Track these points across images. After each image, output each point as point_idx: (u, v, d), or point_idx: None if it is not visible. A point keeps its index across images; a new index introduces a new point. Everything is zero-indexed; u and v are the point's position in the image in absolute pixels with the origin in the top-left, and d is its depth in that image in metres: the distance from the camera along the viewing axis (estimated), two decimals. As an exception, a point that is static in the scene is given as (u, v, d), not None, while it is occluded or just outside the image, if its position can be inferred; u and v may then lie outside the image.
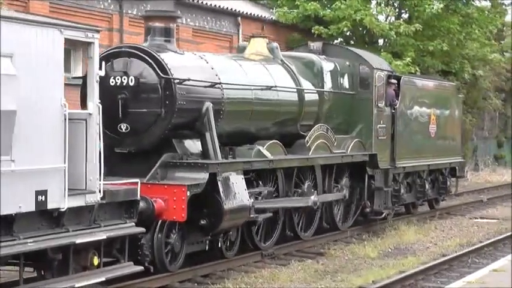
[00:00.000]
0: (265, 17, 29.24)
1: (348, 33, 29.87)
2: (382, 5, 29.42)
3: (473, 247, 17.22)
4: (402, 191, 20.79)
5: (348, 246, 17.17)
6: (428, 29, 29.50)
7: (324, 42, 20.43)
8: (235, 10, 27.43)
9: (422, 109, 21.85)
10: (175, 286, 12.99)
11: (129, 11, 22.97)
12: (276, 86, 15.94)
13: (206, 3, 25.90)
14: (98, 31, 11.07)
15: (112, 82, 13.23)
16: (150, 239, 12.73)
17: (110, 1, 22.55)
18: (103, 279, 11.03)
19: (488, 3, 33.04)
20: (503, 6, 35.67)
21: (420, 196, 22.26)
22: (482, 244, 17.66)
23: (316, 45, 19.32)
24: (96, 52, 11.02)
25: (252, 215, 14.18)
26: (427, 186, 22.42)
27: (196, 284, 13.21)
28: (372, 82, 19.08)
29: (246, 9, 28.36)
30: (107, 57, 13.23)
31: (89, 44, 10.96)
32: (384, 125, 19.53)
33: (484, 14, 31.19)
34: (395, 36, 28.19)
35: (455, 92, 24.95)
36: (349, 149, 18.16)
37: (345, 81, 18.79)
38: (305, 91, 16.90)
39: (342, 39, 30.19)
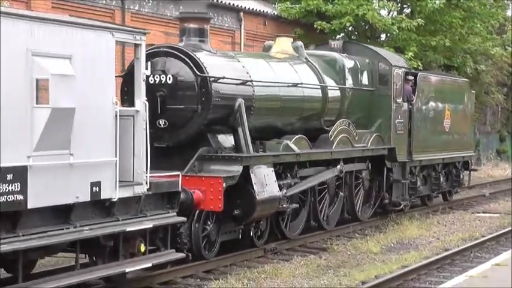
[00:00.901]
0: (267, 12, 29.19)
1: (350, 28, 29.95)
2: (385, 0, 29.38)
3: (476, 241, 17.22)
4: (418, 183, 21.59)
5: (351, 241, 17.19)
6: (431, 24, 29.54)
7: (345, 40, 21.16)
8: (237, 5, 27.32)
9: (437, 104, 22.62)
10: (178, 281, 13.05)
11: (131, 7, 22.94)
12: (301, 83, 16.71)
13: None
14: (144, 33, 11.85)
15: (151, 80, 13.97)
16: (188, 228, 13.50)
17: None
18: (150, 264, 11.86)
19: None
20: (505, 1, 35.68)
21: (435, 188, 23.05)
22: (485, 238, 17.64)
23: (337, 43, 20.10)
24: (143, 53, 11.81)
25: (282, 205, 14.93)
26: (441, 179, 23.20)
27: (199, 280, 13.23)
28: (390, 79, 19.85)
29: (248, 5, 28.23)
30: (146, 57, 13.95)
31: (137, 45, 11.76)
32: (402, 120, 20.30)
33: (485, 8, 31.15)
34: (397, 31, 28.21)
35: (468, 88, 25.69)
36: (369, 143, 18.94)
37: (365, 78, 19.56)
38: (328, 88, 17.66)
39: (344, 34, 30.17)
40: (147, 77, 13.71)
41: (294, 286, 12.89)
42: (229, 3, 26.93)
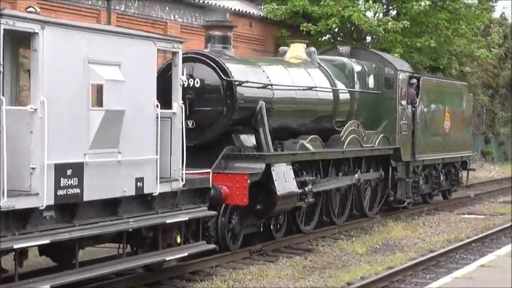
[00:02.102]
0: (253, 13, 28.85)
1: (336, 30, 30.05)
2: (370, 1, 29.21)
3: (461, 243, 17.21)
4: (421, 182, 22.72)
5: (336, 242, 17.21)
6: (416, 26, 29.58)
7: (352, 46, 22.25)
8: (224, 6, 26.72)
9: (438, 107, 23.76)
10: (165, 283, 13.07)
11: (117, 8, 22.84)
12: (315, 87, 17.78)
13: (194, 0, 25.71)
14: (181, 42, 12.90)
15: (180, 83, 14.95)
16: (215, 221, 14.53)
17: None
18: (186, 254, 12.94)
19: (475, 0, 33.02)
20: (490, 3, 35.92)
21: (435, 187, 24.19)
22: (470, 240, 17.66)
23: (344, 49, 21.18)
24: (180, 60, 12.85)
25: (299, 201, 16.02)
26: (441, 178, 24.35)
27: (184, 281, 13.20)
28: (395, 82, 20.96)
29: (234, 6, 27.93)
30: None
31: (174, 53, 12.80)
32: (406, 122, 21.41)
33: (471, 10, 31.17)
34: (383, 32, 28.20)
35: (466, 91, 26.83)
36: (376, 143, 20.03)
37: (372, 82, 20.66)
38: (339, 91, 18.74)
39: (330, 36, 30.32)
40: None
41: (279, 287, 13.03)
42: (215, 4, 26.14)
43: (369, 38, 30.65)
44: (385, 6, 30.76)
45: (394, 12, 30.89)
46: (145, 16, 23.91)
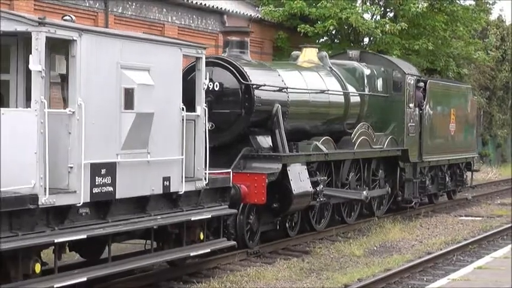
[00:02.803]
0: (251, 15, 28.93)
1: (333, 32, 30.21)
2: (368, 3, 29.47)
3: (458, 245, 17.24)
4: (427, 182, 23.34)
5: (334, 244, 17.25)
6: (414, 28, 29.73)
7: (361, 50, 22.89)
8: (221, 8, 27.26)
9: (444, 109, 24.41)
10: (161, 284, 13.12)
11: (114, 9, 22.90)
12: (328, 90, 18.42)
13: (192, 2, 25.76)
14: (204, 48, 13.54)
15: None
16: (234, 219, 15.16)
17: None
18: (208, 250, 13.58)
19: (473, 2, 33.16)
20: (488, 5, 36.07)
21: (441, 188, 24.82)
22: (467, 242, 17.68)
23: (354, 53, 21.84)
24: (203, 65, 13.48)
25: (319, 199, 16.65)
26: (447, 178, 24.98)
27: (182, 283, 13.26)
28: (403, 85, 21.61)
29: (231, 8, 28.13)
30: (194, 67, 15.60)
31: (198, 58, 13.43)
32: (413, 124, 22.06)
33: (468, 12, 31.42)
34: (380, 34, 28.32)
35: (471, 94, 27.47)
36: (385, 145, 20.68)
37: (380, 85, 21.31)
38: (350, 94, 19.38)
39: (327, 38, 30.51)
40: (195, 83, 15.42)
41: (276, 289, 13.08)
42: (212, 6, 26.87)
43: (366, 40, 30.83)
44: (382, 8, 30.85)
45: (391, 14, 31.09)
46: (143, 18, 24.04)
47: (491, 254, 15.45)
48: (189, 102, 13.13)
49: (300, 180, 16.13)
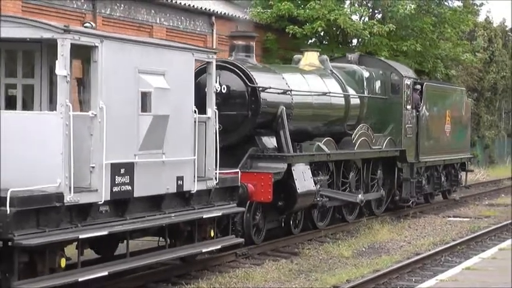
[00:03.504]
0: (239, 16, 28.95)
1: (321, 33, 30.30)
2: (356, 5, 29.62)
3: (446, 246, 17.27)
4: (424, 182, 23.97)
5: (322, 245, 17.24)
6: (402, 29, 30.00)
7: (360, 54, 23.50)
8: (209, 10, 27.37)
9: (440, 111, 25.05)
10: (151, 286, 13.07)
11: (103, 11, 22.95)
12: (329, 92, 19.01)
13: (180, 3, 25.83)
14: (215, 53, 14.11)
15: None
16: (241, 217, 15.72)
17: (83, 0, 22.31)
18: (219, 246, 14.18)
19: (460, 4, 33.46)
20: (475, 7, 36.34)
21: (437, 187, 25.45)
22: (455, 243, 17.72)
23: (353, 56, 22.46)
24: (214, 69, 14.05)
25: (316, 199, 17.24)
26: (442, 178, 25.61)
27: (170, 284, 13.23)
28: (401, 88, 22.22)
29: (219, 9, 28.31)
30: (202, 70, 16.13)
31: (209, 63, 13.99)
32: (411, 125, 22.68)
33: (456, 14, 31.69)
34: (369, 36, 28.46)
35: (465, 96, 28.12)
36: (384, 145, 21.28)
37: (379, 87, 21.92)
38: (350, 96, 19.97)
39: (315, 39, 30.60)
40: (204, 87, 15.98)
41: (265, 291, 13.10)
42: (201, 8, 26.97)
43: (354, 42, 31.09)
44: (370, 10, 30.98)
45: (379, 16, 31.28)
46: (131, 19, 24.14)
47: (479, 255, 15.51)
48: (197, 105, 13.60)
49: (304, 179, 16.71)
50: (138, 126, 11.93)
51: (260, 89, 16.50)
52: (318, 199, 17.52)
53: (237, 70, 16.46)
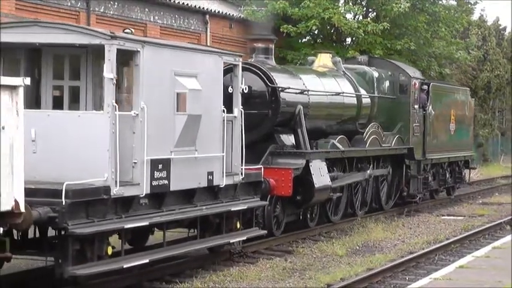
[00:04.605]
0: (233, 15, 29.12)
1: (315, 32, 30.38)
2: (350, 3, 29.58)
3: (440, 244, 17.31)
4: (430, 179, 24.96)
5: (316, 244, 17.28)
6: (396, 28, 30.07)
7: (370, 56, 24.47)
8: (203, 8, 27.39)
9: (445, 110, 26.04)
10: (145, 285, 13.12)
11: (96, 9, 22.98)
12: (343, 93, 19.95)
13: (174, 1, 25.79)
14: (241, 56, 15.04)
15: (230, 90, 17.01)
16: (262, 210, 16.64)
17: None
18: (245, 238, 15.12)
19: (454, 2, 33.79)
20: (469, 5, 36.28)
21: (442, 184, 26.45)
22: (449, 241, 17.77)
23: (363, 58, 23.47)
24: (240, 71, 14.95)
25: (331, 194, 18.20)
26: (447, 175, 26.60)
27: (164, 283, 13.25)
28: (409, 88, 23.18)
29: (214, 7, 28.27)
30: (225, 71, 17.03)
31: (235, 65, 14.91)
32: (418, 124, 23.66)
33: (450, 12, 31.90)
34: (363, 34, 28.52)
35: (468, 95, 29.09)
36: (393, 143, 22.25)
37: (388, 88, 22.88)
38: (362, 96, 20.93)
39: (310, 38, 30.69)
40: (227, 87, 16.87)
41: (259, 289, 13.19)
42: (195, 6, 26.92)
43: (348, 40, 31.30)
44: (364, 9, 31.10)
45: (373, 14, 31.43)
46: (125, 17, 24.18)
47: (473, 253, 15.54)
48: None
49: (320, 175, 17.66)
50: (174, 124, 12.84)
51: (280, 89, 17.44)
52: (332, 194, 18.43)
53: (258, 71, 17.40)
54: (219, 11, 28.66)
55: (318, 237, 18.29)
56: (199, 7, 27.49)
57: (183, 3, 26.48)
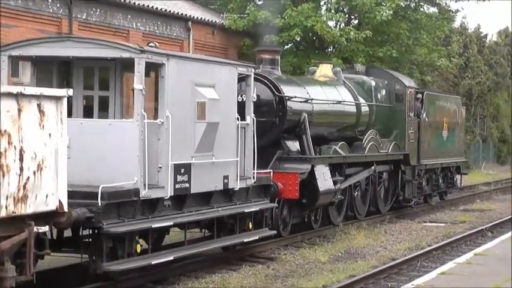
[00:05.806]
0: (215, 22, 29.48)
1: (298, 40, 30.67)
2: (332, 11, 29.94)
3: (422, 251, 17.42)
4: (424, 183, 25.99)
5: (299, 250, 17.34)
6: (378, 35, 30.52)
7: (367, 66, 25.52)
8: (186, 15, 27.66)
9: (438, 117, 27.10)
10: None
11: (79, 16, 23.16)
12: (343, 101, 20.97)
13: (156, 8, 26.04)
14: (254, 67, 16.05)
15: (239, 99, 17.97)
16: (270, 212, 17.61)
17: (59, 5, 22.49)
18: (257, 237, 16.08)
19: (436, 10, 33.98)
20: (451, 13, 36.56)
21: (435, 188, 27.50)
22: (431, 248, 17.89)
23: (360, 67, 24.47)
24: (252, 81, 15.96)
25: (334, 197, 19.20)
26: (440, 180, 27.65)
27: None
28: (405, 97, 24.21)
29: (196, 14, 28.57)
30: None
31: (248, 76, 15.90)
32: (413, 131, 24.70)
33: (432, 20, 32.40)
34: (345, 42, 28.93)
35: (460, 103, 30.19)
36: (390, 150, 23.28)
37: (385, 96, 23.91)
38: (361, 104, 21.95)
39: (292, 45, 30.92)
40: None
41: (242, 296, 13.34)
42: (177, 13, 27.10)
43: (331, 48, 31.58)
44: (347, 16, 31.35)
45: (356, 22, 31.85)
46: (108, 24, 24.43)
47: (455, 260, 15.65)
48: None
49: (324, 179, 18.66)
50: (194, 132, 13.81)
51: (286, 98, 18.43)
52: (337, 197, 19.43)
53: (266, 81, 18.39)
54: (201, 18, 28.89)
55: (301, 244, 18.36)
56: (182, 14, 27.64)
57: (166, 10, 26.71)
